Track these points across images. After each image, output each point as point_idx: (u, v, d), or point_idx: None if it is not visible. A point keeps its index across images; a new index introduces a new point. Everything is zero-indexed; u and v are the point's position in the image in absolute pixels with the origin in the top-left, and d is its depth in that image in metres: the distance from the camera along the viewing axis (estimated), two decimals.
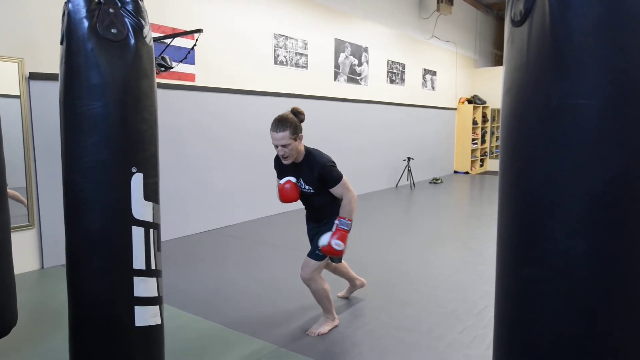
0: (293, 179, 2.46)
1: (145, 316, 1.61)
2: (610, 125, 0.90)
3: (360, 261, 3.98)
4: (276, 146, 2.34)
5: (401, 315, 2.85)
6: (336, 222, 2.39)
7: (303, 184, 2.45)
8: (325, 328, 2.61)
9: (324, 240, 2.38)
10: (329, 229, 2.47)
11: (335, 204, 2.50)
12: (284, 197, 2.46)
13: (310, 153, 2.45)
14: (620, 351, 0.99)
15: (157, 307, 1.67)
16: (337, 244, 2.33)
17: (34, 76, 3.60)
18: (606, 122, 0.90)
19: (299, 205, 2.69)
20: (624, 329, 0.98)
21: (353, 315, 2.86)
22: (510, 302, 1.11)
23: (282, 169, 2.54)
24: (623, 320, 0.98)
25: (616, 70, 0.88)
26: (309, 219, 2.68)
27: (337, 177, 2.39)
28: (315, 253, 2.49)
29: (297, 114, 2.39)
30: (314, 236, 2.61)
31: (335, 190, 2.42)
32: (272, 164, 2.64)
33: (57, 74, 1.59)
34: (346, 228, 2.38)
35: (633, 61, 0.87)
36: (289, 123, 2.30)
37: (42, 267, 3.75)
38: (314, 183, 2.42)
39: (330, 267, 2.89)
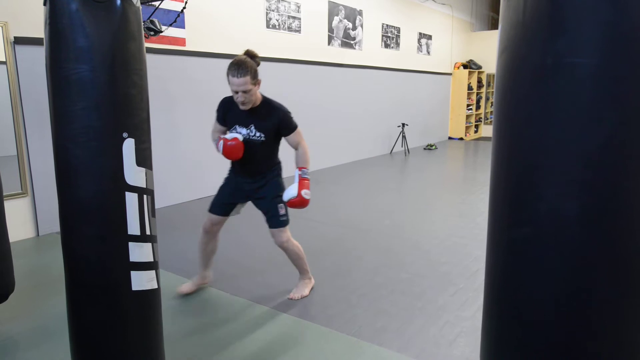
0: (240, 137, 2.35)
1: (141, 281, 1.63)
2: (605, 85, 0.89)
3: (354, 227, 4.02)
4: (235, 92, 2.25)
5: (395, 279, 2.90)
6: (299, 172, 2.37)
7: (254, 130, 2.35)
8: (306, 290, 2.67)
9: (292, 192, 2.33)
10: (272, 188, 2.46)
11: (272, 158, 2.49)
12: (228, 154, 2.35)
13: (268, 100, 2.39)
14: (608, 311, 1.01)
15: (153, 271, 1.69)
16: (306, 193, 2.33)
17: (19, 40, 3.50)
18: (601, 81, 0.89)
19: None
20: (613, 288, 1.00)
21: (348, 278, 2.91)
22: (500, 263, 1.13)
23: (230, 113, 2.41)
24: (612, 280, 1.00)
25: (613, 27, 0.87)
26: (242, 172, 2.48)
27: (295, 125, 2.40)
28: (280, 220, 2.47)
29: (254, 57, 2.30)
30: (248, 191, 2.49)
31: (291, 138, 2.40)
32: None
33: (43, 38, 1.54)
34: (308, 177, 2.38)
35: (630, 18, 0.86)
36: (249, 67, 2.21)
37: (38, 235, 3.76)
38: (267, 130, 2.36)
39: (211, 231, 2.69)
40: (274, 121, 2.36)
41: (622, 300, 1.01)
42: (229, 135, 2.37)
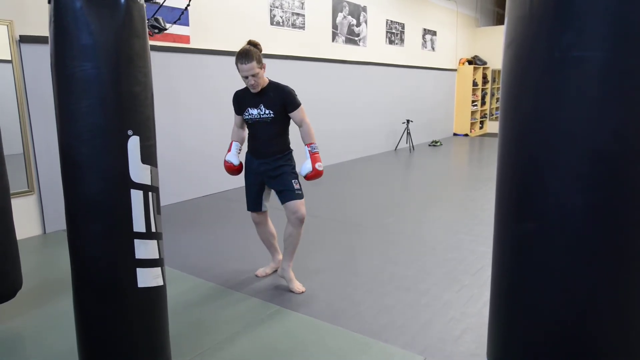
0: (236, 162, 2.74)
1: (147, 278, 1.63)
2: (613, 79, 0.88)
3: (359, 223, 4.02)
4: (245, 77, 2.50)
5: (399, 275, 2.90)
6: (308, 148, 2.62)
7: (263, 109, 2.58)
8: (296, 282, 2.72)
9: (307, 167, 2.58)
10: (287, 171, 2.63)
11: (284, 137, 2.68)
12: (225, 167, 2.80)
13: (274, 82, 2.64)
14: (614, 305, 1.01)
15: (159, 268, 1.69)
16: (319, 166, 2.58)
17: (24, 39, 3.52)
18: (609, 75, 0.88)
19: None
20: (618, 282, 1.00)
21: (352, 275, 2.90)
22: (507, 257, 1.12)
23: (243, 101, 2.67)
24: (617, 274, 0.99)
25: (621, 20, 0.86)
26: (256, 154, 2.69)
27: (298, 102, 2.61)
28: (296, 193, 2.62)
29: (256, 45, 2.58)
30: (264, 172, 2.66)
31: (296, 115, 2.60)
32: None
33: (48, 36, 1.54)
34: (317, 150, 2.63)
35: (638, 11, 0.84)
36: (253, 54, 2.47)
37: (44, 233, 3.79)
38: (275, 107, 2.57)
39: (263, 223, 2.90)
40: (280, 98, 2.58)
41: (628, 294, 1.01)
42: (227, 157, 2.78)
